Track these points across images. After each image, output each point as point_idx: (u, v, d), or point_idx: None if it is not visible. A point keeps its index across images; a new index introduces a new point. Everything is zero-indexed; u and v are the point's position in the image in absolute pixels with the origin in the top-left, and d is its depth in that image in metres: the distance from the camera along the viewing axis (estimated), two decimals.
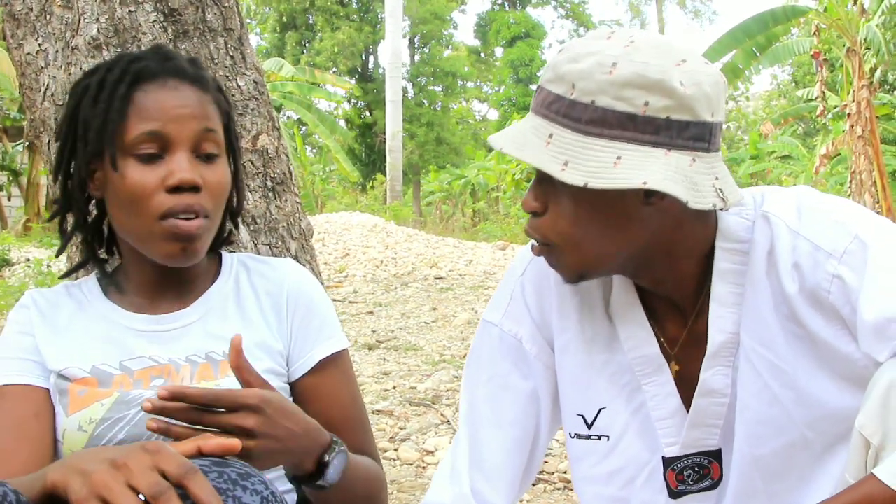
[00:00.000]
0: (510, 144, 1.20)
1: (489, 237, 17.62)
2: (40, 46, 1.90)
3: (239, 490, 1.03)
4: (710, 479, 1.35)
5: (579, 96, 1.15)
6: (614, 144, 1.14)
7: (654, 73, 1.13)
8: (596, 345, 1.39)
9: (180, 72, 1.40)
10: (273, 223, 2.01)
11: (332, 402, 1.48)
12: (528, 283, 1.45)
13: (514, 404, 1.44)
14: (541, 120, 1.19)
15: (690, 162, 1.15)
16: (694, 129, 1.15)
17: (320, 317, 1.51)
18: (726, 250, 1.27)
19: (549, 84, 1.20)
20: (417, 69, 37.29)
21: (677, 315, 1.33)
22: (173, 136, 1.35)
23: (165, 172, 1.34)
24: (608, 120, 1.14)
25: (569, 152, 1.15)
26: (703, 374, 1.29)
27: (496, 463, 1.43)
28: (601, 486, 1.40)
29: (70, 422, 1.35)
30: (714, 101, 1.17)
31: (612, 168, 1.13)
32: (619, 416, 1.38)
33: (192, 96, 1.39)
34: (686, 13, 48.89)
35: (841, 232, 1.19)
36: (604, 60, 1.15)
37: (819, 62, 13.85)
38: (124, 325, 1.44)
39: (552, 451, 3.52)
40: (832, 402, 1.23)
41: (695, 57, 1.18)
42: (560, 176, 1.14)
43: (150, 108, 1.35)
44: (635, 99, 1.13)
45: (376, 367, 5.47)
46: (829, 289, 1.18)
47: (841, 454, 1.23)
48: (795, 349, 1.23)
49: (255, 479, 1.06)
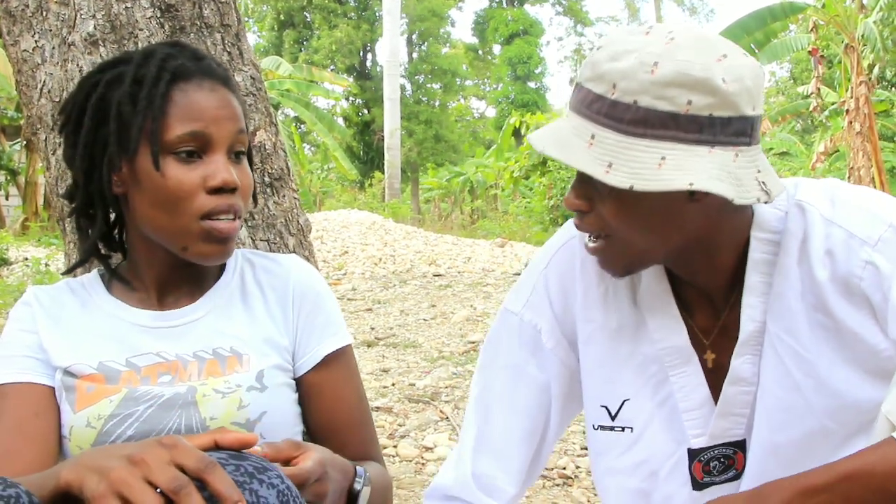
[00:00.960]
0: (553, 147, 1.19)
1: (488, 234, 17.65)
2: (37, 43, 1.90)
3: (255, 483, 1.03)
4: (734, 470, 1.35)
5: (621, 96, 1.14)
6: (658, 144, 1.13)
7: (698, 71, 1.12)
8: (622, 335, 1.39)
9: (214, 72, 1.40)
10: (271, 219, 2.00)
11: (337, 397, 1.48)
12: (551, 276, 1.45)
13: (529, 393, 1.44)
14: (581, 120, 1.18)
15: (734, 157, 1.14)
16: (736, 124, 1.14)
17: (326, 312, 1.50)
18: (761, 240, 1.27)
19: (588, 82, 1.18)
20: (415, 67, 37.28)
21: (708, 305, 1.33)
22: (214, 137, 1.35)
23: (205, 173, 1.35)
24: (651, 120, 1.13)
25: (612, 153, 1.14)
26: (734, 362, 1.29)
27: (506, 447, 1.43)
28: (624, 478, 1.40)
29: (78, 418, 1.35)
30: (755, 94, 1.16)
31: (657, 169, 1.12)
32: (643, 407, 1.38)
33: (227, 97, 1.40)
34: (683, 10, 48.86)
35: (875, 220, 1.19)
36: (645, 59, 1.13)
37: (817, 59, 13.86)
38: (130, 321, 1.44)
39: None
40: (852, 393, 1.23)
41: (734, 50, 1.17)
42: (605, 179, 1.13)
43: (193, 109, 1.35)
44: (678, 98, 1.12)
45: (375, 364, 5.47)
46: (861, 275, 1.18)
47: (860, 446, 1.23)
48: (819, 338, 1.23)
49: (271, 472, 1.07)
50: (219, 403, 1.35)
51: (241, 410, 1.36)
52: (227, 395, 1.36)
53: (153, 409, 1.34)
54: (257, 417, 1.36)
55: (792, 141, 22.41)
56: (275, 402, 1.39)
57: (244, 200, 1.40)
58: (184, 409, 1.35)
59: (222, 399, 1.35)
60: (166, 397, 1.35)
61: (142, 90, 1.35)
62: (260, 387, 1.38)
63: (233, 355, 1.41)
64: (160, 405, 1.35)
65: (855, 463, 1.06)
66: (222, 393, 1.36)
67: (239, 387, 1.37)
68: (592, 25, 44.23)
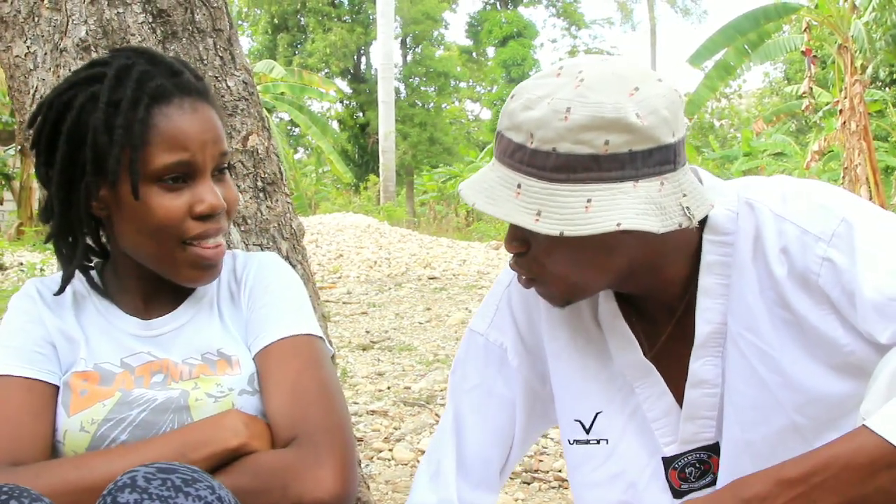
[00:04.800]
0: (482, 199, 1.20)
1: (483, 237, 17.65)
2: (29, 49, 1.90)
3: (181, 497, 1.02)
4: (711, 475, 1.36)
5: (539, 145, 1.14)
6: (582, 188, 1.14)
7: (609, 112, 1.12)
8: (588, 352, 1.40)
9: (193, 88, 1.36)
10: (264, 224, 2.00)
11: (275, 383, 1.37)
12: (514, 294, 1.48)
13: (499, 411, 1.47)
14: (506, 170, 1.19)
15: (659, 187, 1.15)
16: (658, 154, 1.15)
17: (277, 302, 1.45)
18: (713, 243, 1.27)
19: (508, 132, 1.19)
20: (409, 70, 37.26)
21: (667, 312, 1.34)
22: (200, 164, 1.33)
23: (192, 199, 1.33)
24: (572, 164, 1.13)
25: (539, 201, 1.15)
26: (692, 365, 1.30)
27: (481, 468, 1.47)
28: (603, 490, 1.41)
29: (72, 422, 1.34)
30: (672, 122, 1.16)
31: (584, 212, 1.13)
32: (616, 419, 1.39)
33: (209, 117, 1.36)
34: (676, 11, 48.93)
35: (827, 215, 1.20)
36: (558, 106, 1.13)
37: (810, 59, 13.89)
38: (120, 326, 1.44)
39: (547, 451, 3.52)
40: (818, 387, 1.23)
41: (646, 80, 1.17)
42: (535, 228, 1.15)
43: (178, 136, 1.31)
44: (595, 140, 1.12)
45: (370, 367, 5.46)
46: (818, 272, 1.19)
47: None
48: (781, 334, 1.24)
49: (200, 483, 1.05)
50: (211, 408, 1.35)
51: None
52: (220, 400, 1.36)
53: (146, 413, 1.34)
54: None
55: (787, 141, 22.43)
56: None
57: (230, 216, 1.40)
58: (176, 414, 1.34)
59: (214, 403, 1.35)
60: (159, 401, 1.35)
61: (118, 116, 1.31)
62: (251, 390, 1.38)
63: (221, 358, 1.41)
64: (153, 409, 1.35)
65: (830, 452, 1.06)
66: (214, 397, 1.36)
67: (231, 391, 1.36)
68: (587, 27, 44.26)
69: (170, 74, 1.36)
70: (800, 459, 1.08)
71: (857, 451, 1.04)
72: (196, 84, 1.38)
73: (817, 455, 1.07)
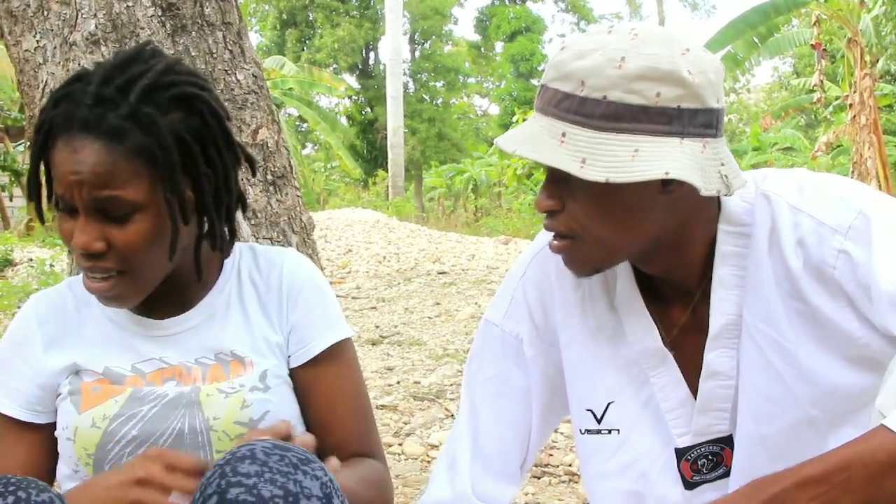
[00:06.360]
0: (524, 146, 1.19)
1: (492, 232, 17.64)
2: (38, 43, 1.90)
3: (300, 474, 1.06)
4: (724, 467, 1.35)
5: (590, 92, 1.15)
6: (630, 138, 1.14)
7: (665, 63, 1.14)
8: (601, 338, 1.39)
9: (95, 125, 1.25)
10: (274, 217, 2.00)
11: (334, 393, 1.46)
12: (528, 285, 1.46)
13: (516, 402, 1.46)
14: (550, 119, 1.19)
15: (702, 149, 1.16)
16: (703, 116, 1.16)
17: (320, 307, 1.49)
18: (728, 233, 1.27)
19: (554, 83, 1.19)
20: (418, 65, 37.26)
21: (685, 300, 1.34)
22: (74, 202, 1.28)
23: (75, 232, 1.29)
24: (621, 114, 1.14)
25: (585, 150, 1.15)
26: (707, 357, 1.30)
27: (498, 459, 1.45)
28: (614, 480, 1.40)
29: (83, 419, 1.35)
30: (718, 87, 1.18)
31: (631, 161, 1.13)
32: (628, 409, 1.38)
33: (91, 158, 1.25)
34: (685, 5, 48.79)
35: (844, 207, 1.19)
36: (612, 55, 1.15)
37: (820, 53, 13.83)
38: (130, 329, 1.44)
39: (557, 444, 3.52)
40: (834, 380, 1.23)
41: (695, 45, 1.19)
42: (580, 174, 1.14)
43: (58, 171, 1.28)
44: (647, 91, 1.14)
45: (380, 362, 5.47)
46: (834, 264, 1.18)
47: (847, 435, 1.22)
48: (797, 326, 1.23)
49: (314, 464, 1.09)
50: (222, 403, 1.35)
51: (245, 410, 1.36)
52: (231, 395, 1.35)
53: (157, 408, 1.35)
54: (260, 417, 1.36)
55: (796, 136, 22.35)
56: (277, 402, 1.39)
57: (122, 260, 1.30)
58: (187, 409, 1.35)
59: (225, 399, 1.35)
60: (170, 397, 1.35)
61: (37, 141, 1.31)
62: (263, 387, 1.38)
63: (235, 359, 1.41)
64: (164, 405, 1.35)
65: (849, 452, 1.05)
66: (225, 393, 1.36)
67: (242, 387, 1.37)
68: (595, 22, 44.15)
69: (93, 102, 1.26)
70: (819, 459, 1.07)
71: (876, 450, 1.03)
72: (101, 123, 1.26)
73: (837, 455, 1.06)
